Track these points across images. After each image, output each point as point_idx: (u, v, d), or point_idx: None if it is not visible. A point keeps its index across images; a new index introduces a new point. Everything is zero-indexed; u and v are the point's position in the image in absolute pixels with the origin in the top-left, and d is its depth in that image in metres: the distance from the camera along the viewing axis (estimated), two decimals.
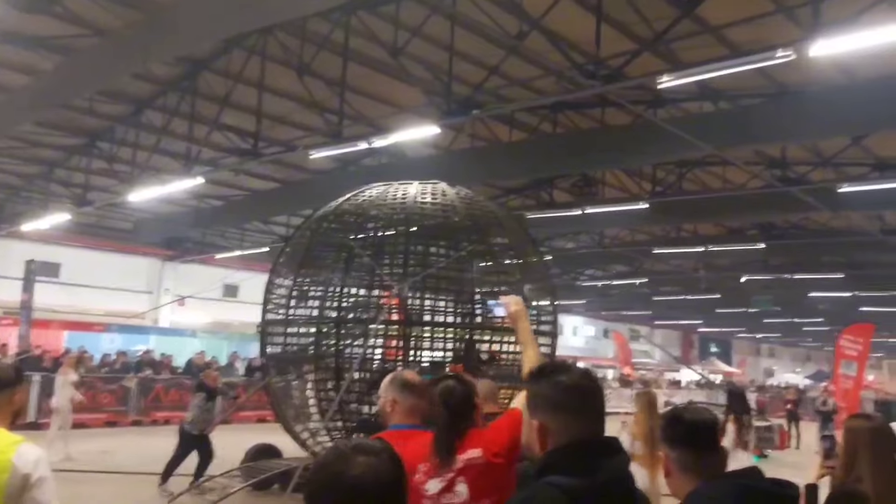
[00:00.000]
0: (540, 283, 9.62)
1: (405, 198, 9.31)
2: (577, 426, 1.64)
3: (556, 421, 1.65)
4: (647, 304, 35.40)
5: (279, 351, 9.87)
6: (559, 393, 1.67)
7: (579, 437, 1.62)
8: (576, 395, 1.66)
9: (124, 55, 9.63)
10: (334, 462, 1.28)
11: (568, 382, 1.68)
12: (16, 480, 2.63)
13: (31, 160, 16.66)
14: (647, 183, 15.31)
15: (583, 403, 1.67)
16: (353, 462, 1.27)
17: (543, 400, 1.69)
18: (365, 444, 1.33)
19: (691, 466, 1.92)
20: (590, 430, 1.65)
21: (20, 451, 2.67)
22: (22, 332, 17.63)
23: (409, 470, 2.22)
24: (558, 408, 1.66)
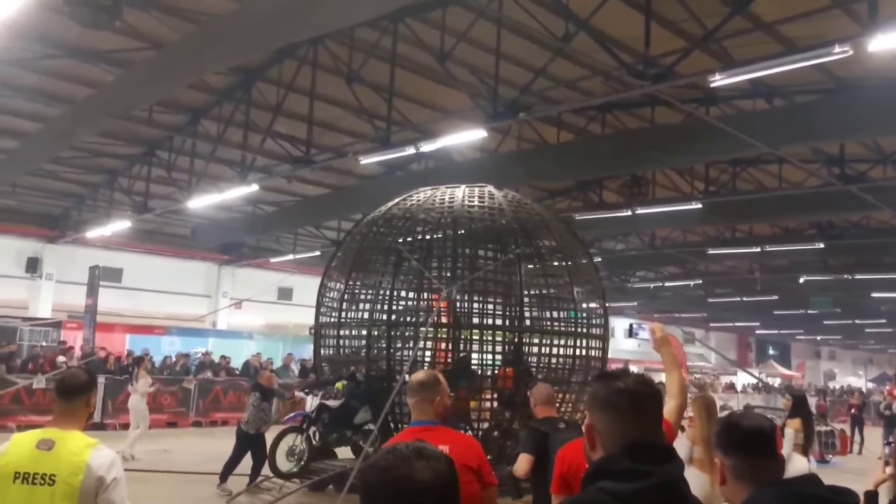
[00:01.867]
0: (589, 285, 9.57)
1: (453, 201, 9.39)
2: (626, 429, 1.62)
3: (604, 421, 1.65)
4: (701, 307, 34.68)
5: (332, 353, 10.06)
6: (611, 394, 1.67)
7: (632, 442, 1.59)
8: (627, 398, 1.65)
9: (180, 67, 9.95)
10: (399, 466, 1.29)
11: (621, 385, 1.68)
12: (90, 482, 2.78)
13: (95, 169, 17.33)
14: (699, 182, 15.04)
15: (635, 407, 1.65)
16: (417, 466, 1.29)
17: (597, 400, 1.70)
18: (424, 448, 1.35)
19: (746, 474, 1.88)
20: (642, 435, 1.62)
21: (95, 454, 2.82)
22: (86, 335, 18.30)
23: None
24: (608, 408, 1.66)
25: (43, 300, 21.13)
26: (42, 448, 2.81)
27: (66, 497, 2.76)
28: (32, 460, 2.80)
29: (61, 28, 10.01)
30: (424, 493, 1.27)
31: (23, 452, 2.83)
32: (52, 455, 2.80)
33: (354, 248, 9.99)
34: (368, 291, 9.92)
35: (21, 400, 14.38)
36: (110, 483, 2.82)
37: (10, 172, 15.34)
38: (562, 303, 9.46)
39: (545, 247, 9.59)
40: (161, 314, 22.70)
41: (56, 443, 2.83)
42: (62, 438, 2.85)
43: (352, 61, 11.37)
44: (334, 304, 9.96)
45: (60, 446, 2.82)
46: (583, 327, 9.33)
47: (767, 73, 8.17)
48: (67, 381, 3.00)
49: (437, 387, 3.16)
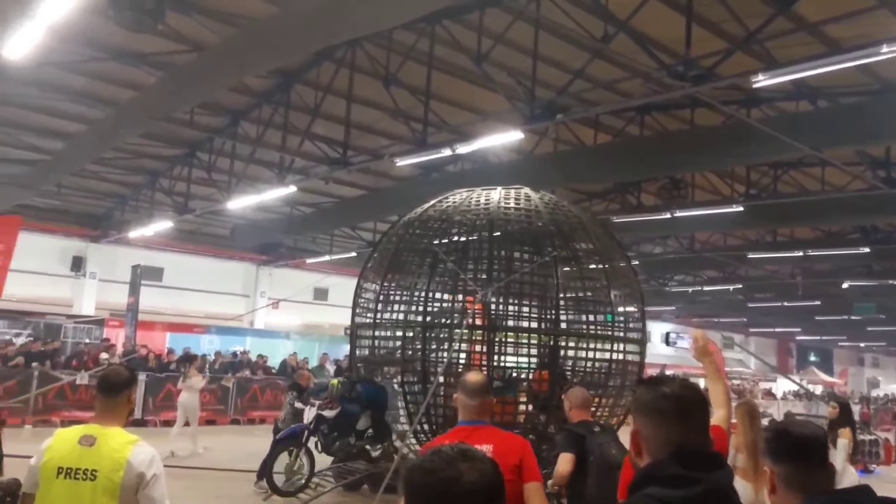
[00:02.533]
0: (627, 288, 9.46)
1: (489, 203, 9.37)
2: (672, 435, 1.59)
3: (649, 426, 1.63)
4: (741, 311, 34.07)
5: (367, 353, 10.11)
6: (656, 399, 1.64)
7: (679, 448, 1.57)
8: (672, 402, 1.63)
9: (221, 69, 10.10)
10: (444, 468, 1.30)
11: (667, 390, 1.65)
12: (131, 478, 2.84)
13: (137, 170, 17.70)
14: (740, 185, 14.78)
15: (681, 412, 1.62)
16: (463, 467, 1.30)
17: (641, 404, 1.68)
18: (469, 450, 1.36)
19: (797, 483, 1.84)
20: (690, 442, 1.59)
21: (135, 451, 2.88)
22: (128, 333, 18.70)
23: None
24: (653, 413, 1.63)
25: (86, 298, 21.67)
26: (84, 444, 2.88)
27: (107, 492, 2.82)
28: (75, 456, 2.86)
29: (106, 31, 10.24)
30: (471, 494, 1.28)
31: (66, 448, 2.90)
32: (94, 451, 2.86)
33: (391, 249, 10.02)
34: (404, 293, 9.94)
35: (65, 395, 14.74)
36: (150, 479, 2.88)
37: (56, 173, 15.74)
38: (599, 306, 9.37)
39: (582, 249, 9.50)
40: (200, 313, 23.09)
41: (98, 439, 2.89)
42: (104, 435, 2.92)
43: (389, 63, 11.43)
44: (370, 304, 10.01)
45: (102, 442, 2.89)
46: (620, 331, 9.22)
47: (811, 73, 7.99)
48: (109, 378, 3.06)
49: (489, 389, 3.25)
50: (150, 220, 18.15)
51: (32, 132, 14.63)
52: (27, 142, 14.89)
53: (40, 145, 14.96)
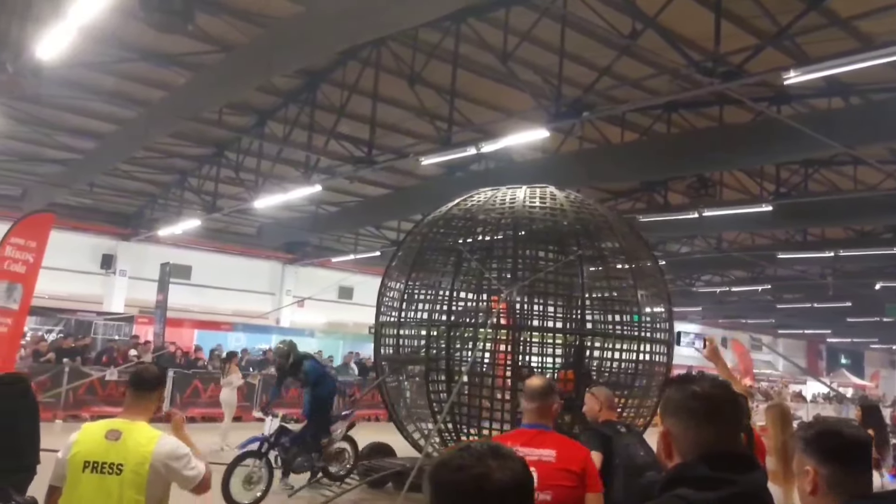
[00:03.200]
0: (654, 288, 9.37)
1: (513, 202, 9.33)
2: (705, 435, 1.57)
3: (680, 426, 1.60)
4: (769, 312, 33.58)
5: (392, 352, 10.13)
6: (687, 398, 1.62)
7: (710, 449, 1.54)
8: (702, 402, 1.60)
9: (249, 69, 10.20)
10: (474, 464, 1.26)
11: (698, 390, 1.62)
12: (157, 471, 2.90)
13: (167, 170, 17.94)
14: (769, 184, 14.57)
15: (712, 412, 1.60)
16: (494, 465, 1.26)
17: (672, 404, 1.65)
18: (500, 448, 1.32)
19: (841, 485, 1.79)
20: (721, 442, 1.56)
21: (160, 444, 2.96)
22: (157, 330, 18.95)
23: None
24: (684, 413, 1.61)
25: (116, 296, 22.02)
26: (110, 438, 2.93)
27: (133, 486, 2.86)
28: (101, 450, 2.91)
29: (136, 32, 10.39)
30: (502, 493, 1.24)
31: (92, 442, 2.95)
32: (120, 445, 2.91)
33: (415, 248, 10.03)
34: (428, 291, 9.94)
35: (95, 391, 14.99)
36: (179, 465, 2.96)
37: (88, 172, 16.02)
38: (625, 306, 9.29)
39: (608, 248, 9.43)
40: (227, 310, 23.33)
41: (123, 433, 2.95)
42: (129, 429, 2.97)
43: (414, 62, 11.45)
44: (394, 303, 10.03)
45: (127, 437, 2.94)
46: (647, 331, 9.13)
47: (844, 70, 7.85)
48: (142, 375, 3.15)
49: (553, 394, 3.34)
50: (178, 218, 18.39)
51: (66, 132, 14.90)
52: (61, 142, 15.16)
53: (73, 145, 15.23)
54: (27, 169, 17.17)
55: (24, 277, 10.97)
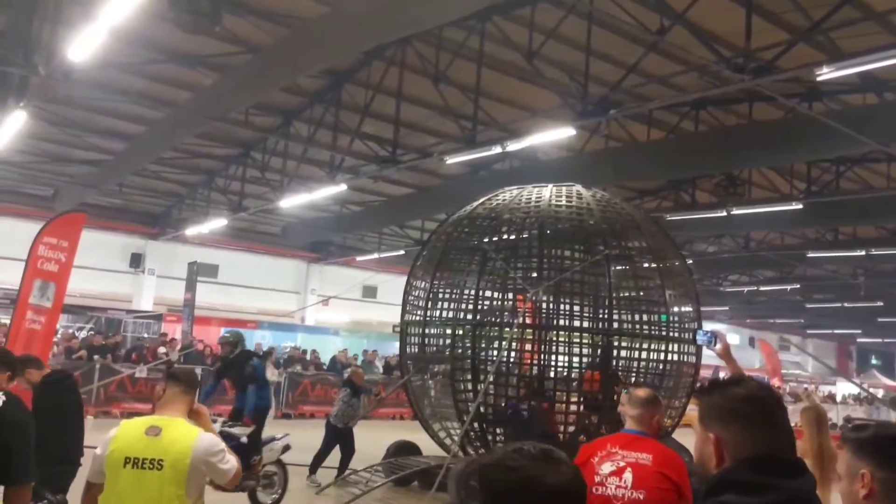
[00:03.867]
0: (682, 288, 9.26)
1: (539, 201, 9.28)
2: (754, 440, 1.53)
3: (730, 432, 1.55)
4: (798, 312, 33.08)
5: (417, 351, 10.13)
6: (732, 402, 1.57)
7: (757, 453, 1.50)
8: (750, 406, 1.56)
9: (275, 70, 10.26)
10: (527, 466, 1.25)
11: (742, 392, 1.58)
12: (196, 466, 2.94)
13: (194, 170, 18.13)
14: (800, 182, 14.34)
15: (759, 415, 1.55)
16: (549, 468, 1.24)
17: (717, 410, 1.60)
18: (553, 451, 1.30)
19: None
20: (769, 446, 1.52)
21: (199, 440, 2.99)
22: (185, 328, 19.16)
23: (589, 454, 3.23)
24: (732, 418, 1.56)
25: (145, 294, 22.33)
26: (150, 434, 2.96)
27: (173, 481, 2.89)
28: (141, 446, 2.94)
29: (164, 34, 10.49)
30: (556, 497, 1.22)
31: (132, 438, 2.98)
32: (160, 441, 2.94)
33: (440, 247, 10.02)
34: (454, 291, 9.92)
35: (125, 388, 15.20)
36: (216, 459, 3.00)
37: (117, 173, 16.24)
38: (652, 306, 9.19)
39: (635, 248, 9.34)
40: (253, 309, 23.53)
41: (163, 429, 2.98)
42: (168, 425, 3.00)
43: (438, 62, 11.43)
44: (419, 302, 10.03)
45: (167, 433, 2.97)
46: (675, 331, 9.03)
47: (879, 65, 7.68)
48: (188, 374, 3.25)
49: (657, 406, 3.44)
50: (205, 218, 18.58)
51: (96, 133, 15.12)
52: (91, 143, 15.39)
53: (103, 146, 15.45)
54: (58, 170, 17.47)
55: (57, 276, 11.15)
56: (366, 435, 10.64)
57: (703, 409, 1.65)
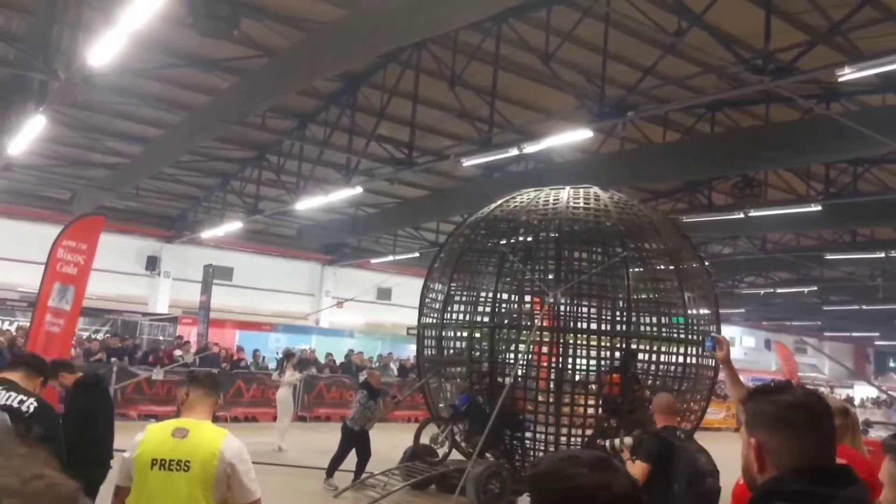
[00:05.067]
0: (700, 289, 9.22)
1: (557, 203, 9.27)
2: (801, 447, 1.49)
3: (777, 439, 1.52)
4: (815, 314, 32.78)
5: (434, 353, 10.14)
6: (781, 409, 1.53)
7: (806, 462, 1.47)
8: (800, 413, 1.53)
9: (291, 73, 10.31)
10: (586, 475, 1.21)
11: (791, 399, 1.55)
12: (223, 468, 2.94)
13: (210, 173, 18.23)
14: (817, 183, 14.23)
15: (808, 422, 1.52)
16: (608, 477, 1.22)
17: (764, 416, 1.56)
18: (610, 460, 1.28)
19: None
20: (818, 454, 1.49)
21: (226, 443, 2.99)
22: (200, 330, 19.27)
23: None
24: (779, 425, 1.53)
25: (161, 297, 22.45)
26: (177, 436, 2.98)
27: (201, 483, 2.90)
28: (168, 448, 2.96)
29: (182, 38, 10.57)
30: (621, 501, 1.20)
31: (159, 440, 3.00)
32: (187, 443, 2.96)
33: (457, 249, 10.03)
34: (471, 293, 9.93)
35: (142, 390, 15.29)
36: (241, 469, 2.98)
37: (134, 176, 16.37)
38: (671, 308, 9.15)
39: (653, 250, 9.31)
40: (268, 311, 23.63)
41: (190, 431, 2.99)
42: (195, 428, 3.01)
43: (454, 64, 11.44)
44: (436, 304, 10.03)
45: (194, 435, 2.98)
46: (693, 333, 8.98)
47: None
48: (203, 378, 3.26)
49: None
50: (221, 220, 18.67)
51: (113, 137, 15.24)
52: (109, 146, 15.52)
53: (120, 149, 15.58)
54: (76, 173, 17.62)
55: (76, 279, 11.26)
56: (382, 438, 10.65)
57: (750, 414, 1.61)
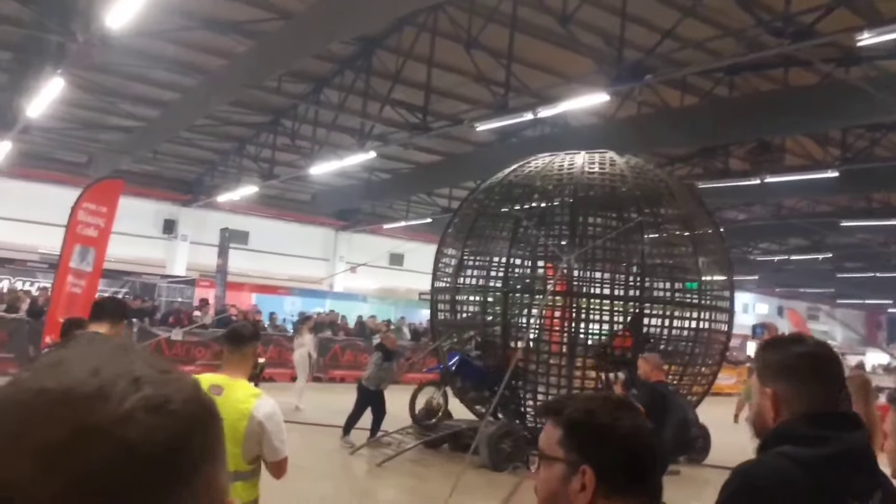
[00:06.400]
0: (714, 255, 9.26)
1: (572, 168, 9.29)
2: (812, 395, 1.55)
3: (789, 388, 1.57)
4: (828, 281, 32.69)
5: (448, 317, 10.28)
6: (792, 359, 1.59)
7: (813, 408, 1.53)
8: (809, 361, 1.58)
9: (308, 37, 10.29)
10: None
11: (801, 349, 1.61)
12: (253, 427, 3.03)
13: (225, 137, 18.28)
14: (834, 149, 14.11)
15: (818, 371, 1.58)
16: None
17: (776, 366, 1.62)
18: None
19: None
20: (825, 400, 1.55)
21: (259, 403, 3.06)
22: (218, 293, 19.52)
23: None
24: (791, 374, 1.58)
25: (178, 259, 22.72)
26: (213, 393, 3.08)
27: (231, 440, 3.01)
28: None
29: (198, 0, 10.55)
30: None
31: None
32: (222, 400, 3.05)
33: (471, 214, 10.09)
34: (485, 258, 10.01)
35: (161, 351, 15.56)
36: (271, 429, 3.06)
37: (151, 140, 16.45)
38: (684, 273, 9.21)
39: (668, 215, 9.33)
40: (283, 275, 23.84)
41: (225, 389, 3.08)
42: (230, 385, 3.10)
43: (471, 27, 11.36)
44: (450, 269, 10.13)
45: (229, 392, 3.07)
46: (707, 299, 9.05)
47: None
48: (238, 331, 3.26)
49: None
50: (236, 185, 18.79)
51: (130, 100, 15.29)
52: (125, 110, 15.57)
53: (137, 113, 15.64)
54: (93, 136, 17.72)
55: (96, 241, 11.43)
56: (396, 398, 10.84)
57: (761, 364, 1.67)
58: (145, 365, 0.54)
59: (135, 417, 0.49)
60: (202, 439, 0.53)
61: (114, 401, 0.49)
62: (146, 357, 0.55)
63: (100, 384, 0.50)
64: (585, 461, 1.22)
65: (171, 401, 0.51)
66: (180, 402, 0.52)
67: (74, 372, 0.51)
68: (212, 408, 0.55)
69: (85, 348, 0.54)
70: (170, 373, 0.55)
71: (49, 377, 0.50)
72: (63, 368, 0.51)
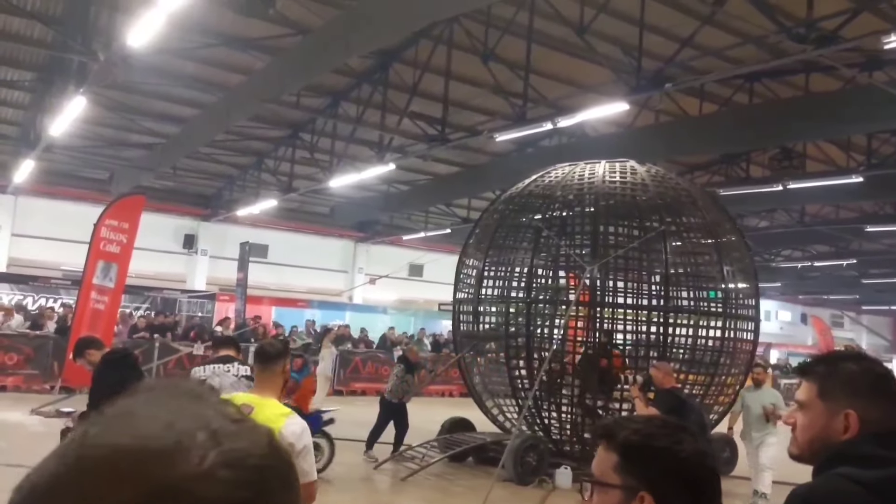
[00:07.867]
0: (739, 263, 9.15)
1: (592, 177, 9.24)
2: (876, 413, 1.49)
3: (869, 408, 1.50)
4: (853, 288, 32.22)
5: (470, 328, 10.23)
6: (857, 377, 1.54)
7: (879, 427, 1.47)
8: (873, 379, 1.53)
9: (325, 51, 10.34)
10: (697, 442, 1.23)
11: (864, 367, 1.56)
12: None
13: (245, 152, 18.43)
14: (858, 154, 13.93)
15: (882, 389, 1.52)
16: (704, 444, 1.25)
17: (840, 384, 1.55)
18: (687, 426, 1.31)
19: None
20: (891, 419, 1.49)
21: (288, 423, 3.00)
22: (238, 307, 19.61)
23: None
24: (856, 393, 1.52)
25: (198, 274, 22.85)
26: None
27: None
28: None
29: (218, 18, 10.67)
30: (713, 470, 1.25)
31: None
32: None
33: (492, 225, 10.06)
34: (507, 268, 9.97)
35: (183, 366, 15.64)
36: (300, 451, 2.97)
37: (171, 156, 16.60)
38: (709, 282, 9.11)
39: (691, 223, 9.24)
40: (303, 288, 23.94)
41: (255, 408, 3.04)
42: (260, 405, 3.04)
43: (487, 39, 11.37)
44: (471, 280, 10.10)
45: (258, 412, 3.01)
46: (732, 308, 8.94)
47: None
48: (265, 349, 3.21)
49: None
50: (256, 199, 18.90)
51: (151, 117, 15.47)
52: (146, 127, 15.75)
53: (158, 130, 15.80)
54: (114, 154, 17.93)
55: (119, 257, 11.56)
56: (418, 411, 10.80)
57: (825, 384, 1.57)
58: (218, 415, 0.51)
59: (216, 475, 0.46)
60: (283, 494, 0.50)
61: (193, 457, 0.46)
62: (217, 405, 0.52)
63: (177, 438, 0.47)
64: (644, 487, 1.16)
65: (250, 455, 0.48)
66: (258, 457, 0.49)
67: (147, 425, 0.48)
68: (288, 458, 0.53)
69: (154, 396, 0.52)
70: (244, 422, 0.52)
71: (121, 432, 0.48)
72: (135, 421, 0.48)
